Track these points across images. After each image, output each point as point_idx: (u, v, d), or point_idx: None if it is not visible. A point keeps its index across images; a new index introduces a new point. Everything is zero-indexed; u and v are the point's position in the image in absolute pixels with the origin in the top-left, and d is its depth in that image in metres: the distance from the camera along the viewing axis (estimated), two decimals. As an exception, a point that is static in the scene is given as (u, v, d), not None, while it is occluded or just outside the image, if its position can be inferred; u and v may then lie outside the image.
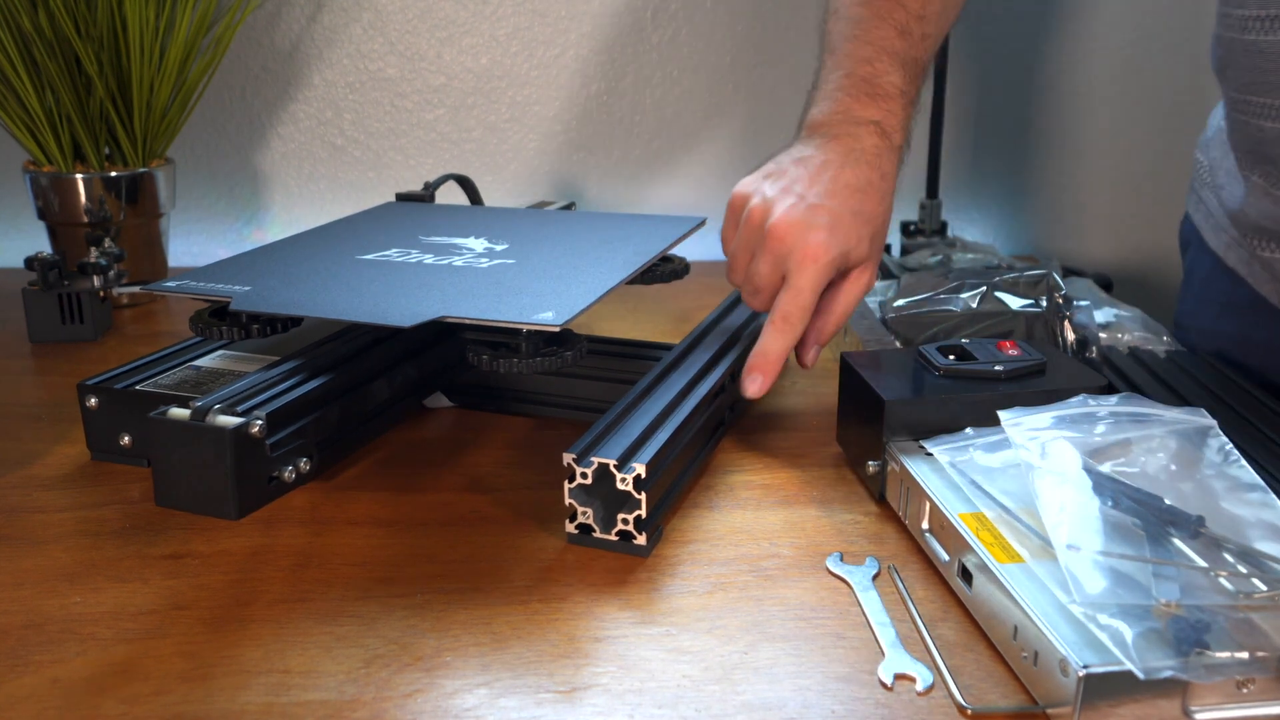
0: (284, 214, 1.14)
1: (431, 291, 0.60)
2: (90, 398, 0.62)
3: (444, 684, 0.44)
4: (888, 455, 0.57)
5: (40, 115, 0.90)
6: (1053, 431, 0.51)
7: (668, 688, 0.43)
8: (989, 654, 0.46)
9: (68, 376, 0.77)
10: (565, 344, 0.60)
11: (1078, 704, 0.39)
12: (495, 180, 1.14)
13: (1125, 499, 0.47)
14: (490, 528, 0.56)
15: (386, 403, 0.66)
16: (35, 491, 0.60)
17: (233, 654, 0.45)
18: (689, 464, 0.60)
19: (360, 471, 0.63)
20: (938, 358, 0.60)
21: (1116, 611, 0.41)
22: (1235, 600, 0.42)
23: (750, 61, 1.13)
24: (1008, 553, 0.46)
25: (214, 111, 1.09)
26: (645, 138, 1.14)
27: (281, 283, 0.63)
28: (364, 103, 1.11)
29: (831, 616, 0.48)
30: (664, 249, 0.70)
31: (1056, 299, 0.75)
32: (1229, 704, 0.40)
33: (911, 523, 0.55)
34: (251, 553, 0.53)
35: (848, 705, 0.42)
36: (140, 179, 0.93)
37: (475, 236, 0.73)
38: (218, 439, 0.54)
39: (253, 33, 1.07)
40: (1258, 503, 0.47)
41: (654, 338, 0.76)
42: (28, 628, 0.47)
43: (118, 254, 0.85)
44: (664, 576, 0.52)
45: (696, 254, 0.85)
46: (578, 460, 0.52)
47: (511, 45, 1.10)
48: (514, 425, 0.69)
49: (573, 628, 0.47)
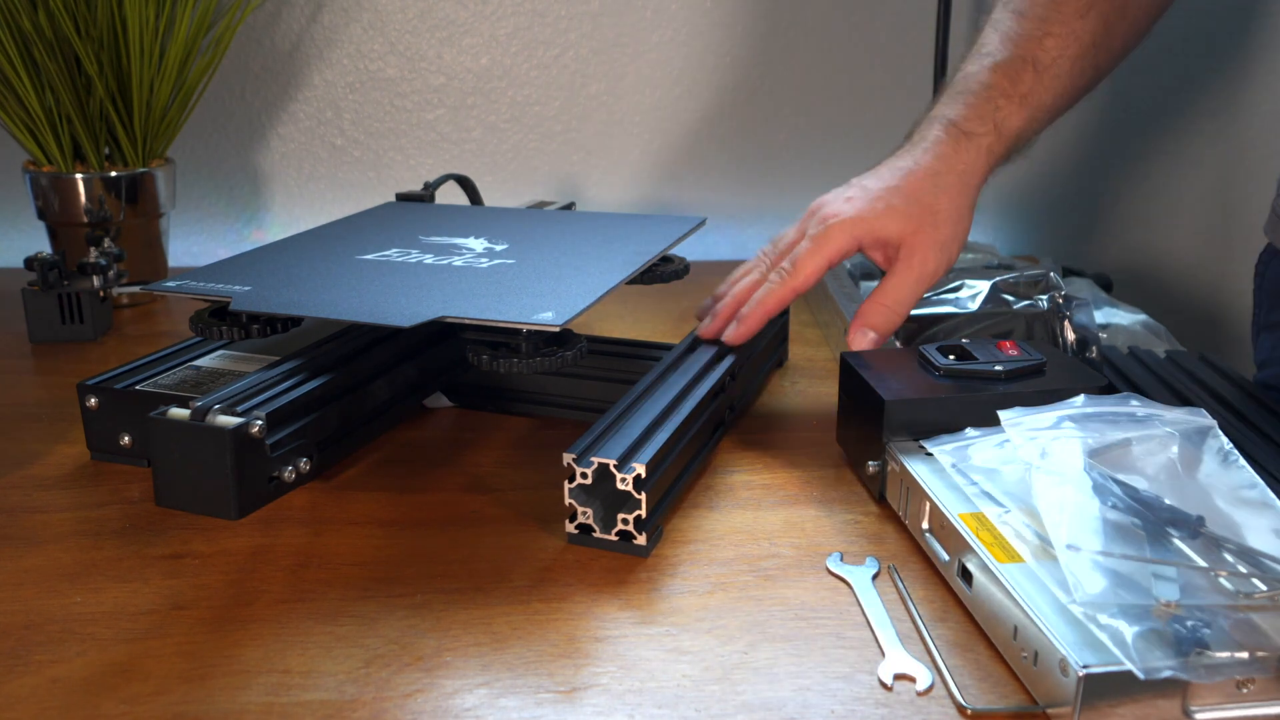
0: (284, 214, 1.14)
1: (431, 291, 0.60)
2: (90, 398, 0.62)
3: (444, 684, 0.44)
4: (887, 455, 0.57)
5: (40, 115, 0.90)
6: (1053, 431, 0.51)
7: (668, 688, 0.43)
8: (989, 654, 0.46)
9: (68, 376, 0.77)
10: (565, 344, 0.60)
11: (1078, 704, 0.39)
12: (495, 180, 1.14)
13: (1125, 499, 0.47)
14: (490, 528, 0.56)
15: (386, 403, 0.66)
16: (35, 491, 0.60)
17: (233, 654, 0.45)
18: (689, 464, 0.60)
19: (360, 471, 0.63)
20: (938, 358, 0.60)
21: (1116, 612, 0.41)
22: (1235, 600, 0.42)
23: (750, 61, 1.13)
24: (1007, 553, 0.46)
25: (214, 111, 1.09)
26: (645, 138, 1.14)
27: (281, 283, 0.63)
28: (364, 103, 1.11)
29: (831, 616, 0.48)
30: (664, 249, 0.70)
31: (1056, 299, 0.75)
32: (1229, 704, 0.40)
33: (911, 523, 0.55)
34: (251, 553, 0.53)
35: (848, 705, 0.42)
36: (140, 179, 0.93)
37: (475, 236, 0.73)
38: (218, 439, 0.54)
39: (253, 33, 1.07)
40: (1257, 503, 0.47)
41: (654, 338, 0.76)
42: (28, 628, 0.47)
43: (118, 254, 0.85)
44: (664, 576, 0.52)
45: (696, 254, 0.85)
46: (578, 460, 0.52)
47: (511, 45, 1.10)
48: (514, 425, 0.69)
49: (573, 628, 0.47)
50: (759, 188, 1.16)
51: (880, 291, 0.65)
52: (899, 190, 0.64)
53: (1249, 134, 1.11)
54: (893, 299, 0.65)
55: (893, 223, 0.64)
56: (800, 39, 1.12)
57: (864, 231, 0.63)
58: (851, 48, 1.13)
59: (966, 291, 0.79)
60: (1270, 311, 0.78)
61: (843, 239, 0.63)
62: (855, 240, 0.64)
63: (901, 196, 0.64)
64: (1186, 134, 1.18)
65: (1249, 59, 1.14)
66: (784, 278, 0.64)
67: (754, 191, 1.16)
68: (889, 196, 0.64)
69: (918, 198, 0.64)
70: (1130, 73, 1.15)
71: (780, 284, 0.64)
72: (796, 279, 0.64)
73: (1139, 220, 1.21)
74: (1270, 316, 0.78)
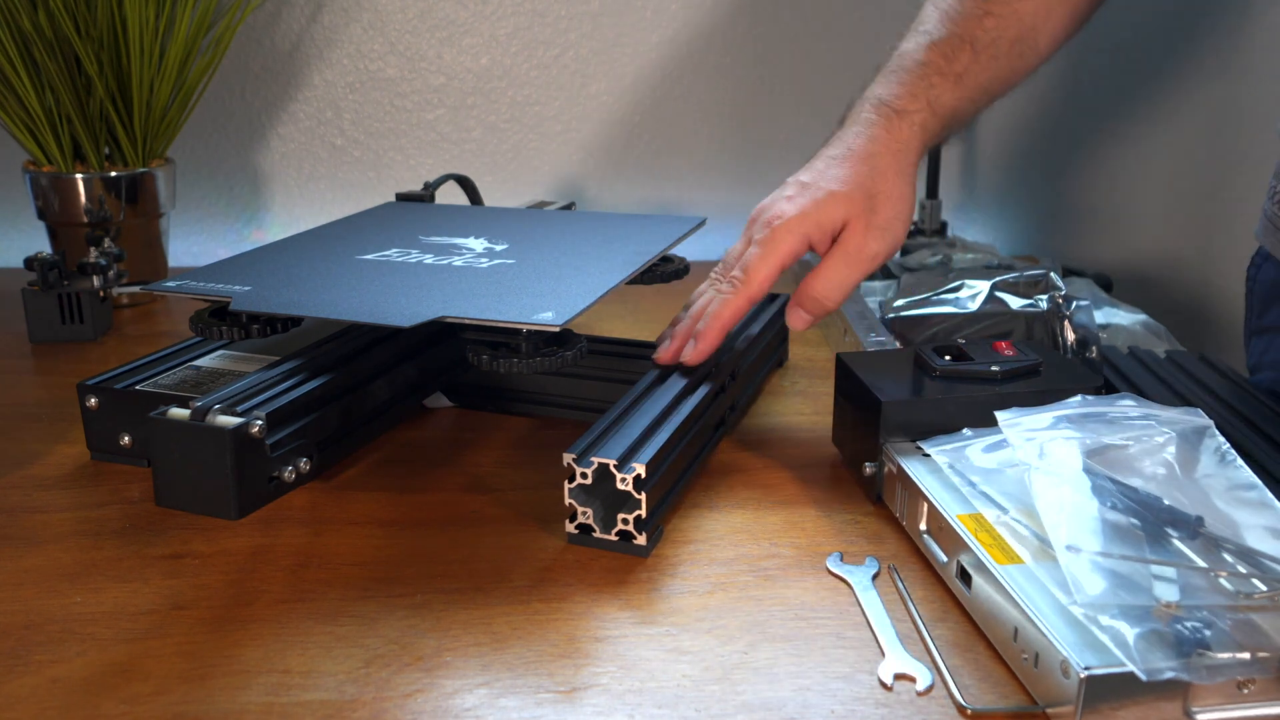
0: (284, 214, 1.14)
1: (431, 291, 0.60)
2: (90, 398, 0.62)
3: (444, 684, 0.44)
4: (885, 456, 0.57)
5: (40, 115, 0.90)
6: (1050, 432, 0.51)
7: (668, 688, 0.43)
8: (989, 654, 0.46)
9: (68, 376, 0.77)
10: (565, 344, 0.60)
11: (1079, 705, 0.39)
12: (495, 180, 1.14)
13: (1124, 499, 0.47)
14: (490, 528, 0.56)
15: (386, 403, 0.66)
16: (35, 491, 0.60)
17: (233, 654, 0.45)
18: (689, 464, 0.60)
19: (360, 471, 0.63)
20: (934, 358, 0.60)
21: (1117, 613, 0.41)
22: (1235, 600, 0.42)
23: (750, 61, 1.13)
24: (1007, 554, 0.46)
25: (214, 111, 1.09)
26: (645, 138, 1.14)
27: (281, 283, 0.63)
28: (364, 103, 1.11)
29: (831, 616, 0.48)
30: (664, 249, 0.70)
31: (1056, 299, 0.75)
32: (1230, 704, 0.40)
33: (909, 524, 0.55)
34: (251, 553, 0.53)
35: (848, 705, 0.42)
36: (140, 179, 0.93)
37: (475, 236, 0.73)
38: (218, 439, 0.54)
39: (253, 33, 1.07)
40: (1256, 502, 0.47)
41: (654, 338, 0.76)
42: (28, 628, 0.47)
43: (118, 254, 0.85)
44: (664, 576, 0.52)
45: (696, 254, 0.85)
46: (578, 460, 0.52)
47: (511, 45, 1.10)
48: (514, 425, 0.69)
49: (573, 628, 0.47)
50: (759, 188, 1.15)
51: (815, 278, 0.64)
52: (836, 179, 0.63)
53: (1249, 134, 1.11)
54: (823, 288, 0.63)
55: (836, 212, 0.63)
56: (800, 39, 1.12)
57: (811, 227, 0.62)
58: (852, 47, 1.13)
59: (966, 292, 0.79)
60: (1261, 316, 0.78)
61: (791, 240, 0.62)
62: (804, 238, 0.63)
63: (839, 184, 0.63)
64: (1187, 134, 1.18)
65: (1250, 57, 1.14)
66: (736, 287, 0.62)
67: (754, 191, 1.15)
68: (827, 186, 0.63)
69: (856, 183, 0.63)
70: (1131, 72, 1.16)
71: (734, 293, 0.62)
72: (750, 287, 0.62)
73: (1139, 220, 1.21)
74: (1261, 321, 0.78)
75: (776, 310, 0.78)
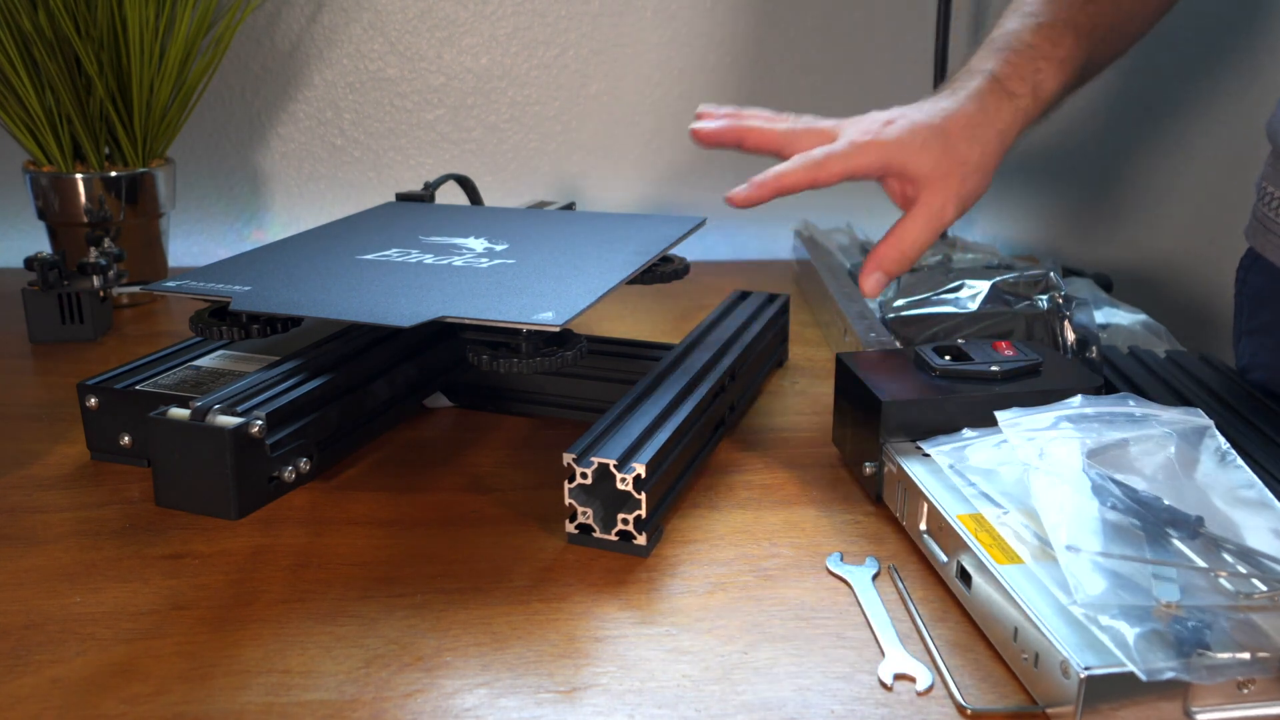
0: (284, 214, 1.14)
1: (431, 291, 0.60)
2: (90, 398, 0.62)
3: (444, 684, 0.44)
4: (885, 456, 0.57)
5: (40, 115, 0.90)
6: (1050, 432, 0.51)
7: (668, 688, 0.43)
8: (989, 654, 0.46)
9: (68, 376, 0.77)
10: (565, 344, 0.60)
11: (1079, 705, 0.39)
12: (495, 180, 1.14)
13: (1124, 500, 0.47)
14: (490, 528, 0.56)
15: (386, 403, 0.66)
16: (35, 491, 0.60)
17: (233, 654, 0.45)
18: (689, 464, 0.60)
19: (360, 471, 0.63)
20: (934, 358, 0.60)
21: (1117, 613, 0.41)
22: (1235, 600, 0.42)
23: (751, 61, 1.13)
24: (1007, 554, 0.46)
25: (214, 111, 1.09)
26: (645, 138, 1.14)
27: (281, 283, 0.63)
28: (364, 103, 1.11)
29: (831, 616, 0.48)
30: (664, 249, 0.70)
31: (1056, 299, 0.75)
32: (1230, 705, 0.40)
33: (909, 524, 0.55)
34: (251, 553, 0.53)
35: (848, 705, 0.42)
36: (140, 179, 0.93)
37: (475, 236, 0.73)
38: (218, 439, 0.54)
39: (253, 33, 1.07)
40: (1255, 502, 0.47)
41: (654, 338, 0.76)
42: (28, 628, 0.47)
43: (118, 254, 0.85)
44: (664, 576, 0.52)
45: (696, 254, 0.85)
46: (578, 460, 0.52)
47: (511, 45, 1.10)
48: (514, 425, 0.69)
49: (573, 628, 0.47)
50: (759, 188, 1.16)
51: (896, 234, 0.63)
52: (938, 130, 0.63)
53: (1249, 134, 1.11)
54: (909, 242, 0.63)
55: (926, 161, 0.62)
56: (801, 39, 1.12)
57: (896, 160, 0.62)
58: (852, 48, 1.13)
59: (966, 291, 0.79)
60: (1251, 317, 0.78)
61: (874, 157, 0.61)
62: (885, 165, 0.62)
63: (939, 137, 0.62)
64: (1187, 134, 1.18)
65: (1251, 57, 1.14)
66: (807, 165, 0.61)
67: (754, 191, 1.16)
68: (927, 134, 0.62)
69: (954, 144, 0.63)
70: (1131, 71, 1.16)
71: (803, 168, 0.61)
72: (820, 172, 0.61)
73: (1139, 220, 1.21)
74: (1251, 322, 0.78)
75: (777, 310, 0.78)
